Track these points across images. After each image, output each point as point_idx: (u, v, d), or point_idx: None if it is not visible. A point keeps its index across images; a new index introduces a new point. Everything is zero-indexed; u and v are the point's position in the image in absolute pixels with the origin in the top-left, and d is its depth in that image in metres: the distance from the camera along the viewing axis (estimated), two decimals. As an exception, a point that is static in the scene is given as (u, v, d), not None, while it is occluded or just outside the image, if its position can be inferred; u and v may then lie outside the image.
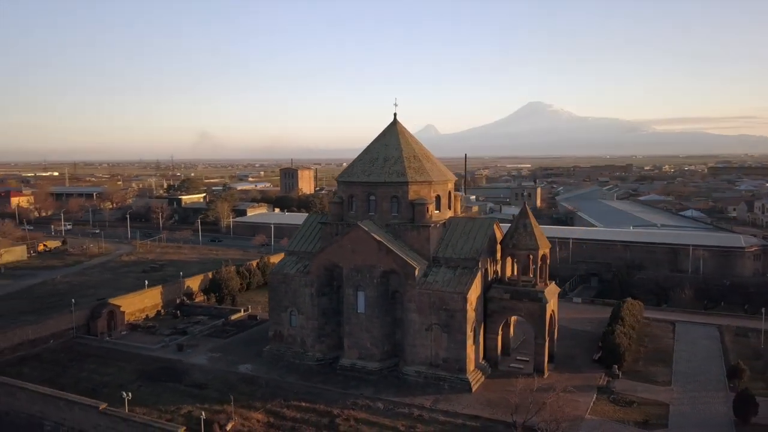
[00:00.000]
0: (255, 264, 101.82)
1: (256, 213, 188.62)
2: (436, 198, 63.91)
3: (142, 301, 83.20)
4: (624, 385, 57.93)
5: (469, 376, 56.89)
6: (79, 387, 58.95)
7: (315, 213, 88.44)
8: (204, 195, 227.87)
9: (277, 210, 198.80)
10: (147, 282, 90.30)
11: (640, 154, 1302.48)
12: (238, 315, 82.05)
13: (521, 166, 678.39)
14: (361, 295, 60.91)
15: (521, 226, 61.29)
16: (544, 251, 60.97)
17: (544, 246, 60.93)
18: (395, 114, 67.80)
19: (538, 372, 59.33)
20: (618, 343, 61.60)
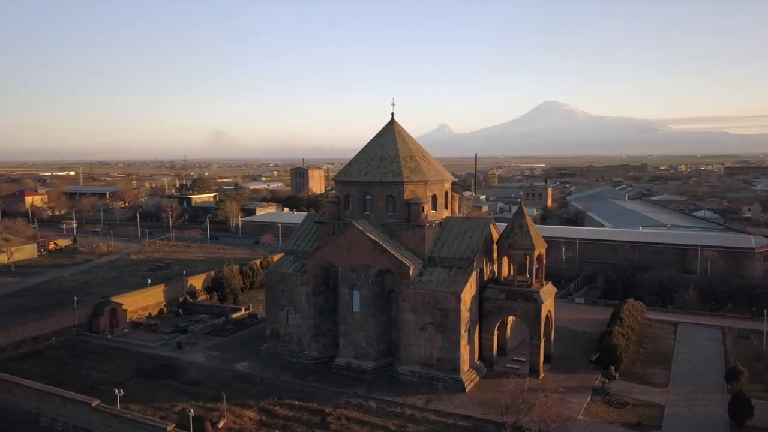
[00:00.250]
0: (258, 263, 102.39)
1: (265, 212, 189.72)
2: (433, 198, 63.84)
3: (145, 300, 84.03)
4: (620, 387, 57.44)
5: (463, 376, 56.77)
6: (78, 384, 59.72)
7: (314, 212, 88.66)
8: (214, 194, 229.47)
9: (286, 209, 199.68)
10: (150, 281, 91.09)
11: (656, 154, 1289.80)
12: (239, 314, 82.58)
13: (535, 166, 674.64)
14: (356, 295, 61.03)
15: (517, 226, 61.02)
16: (540, 251, 60.64)
17: (540, 246, 60.60)
18: (392, 114, 67.92)
19: (533, 373, 59.12)
20: (615, 344, 61.13)
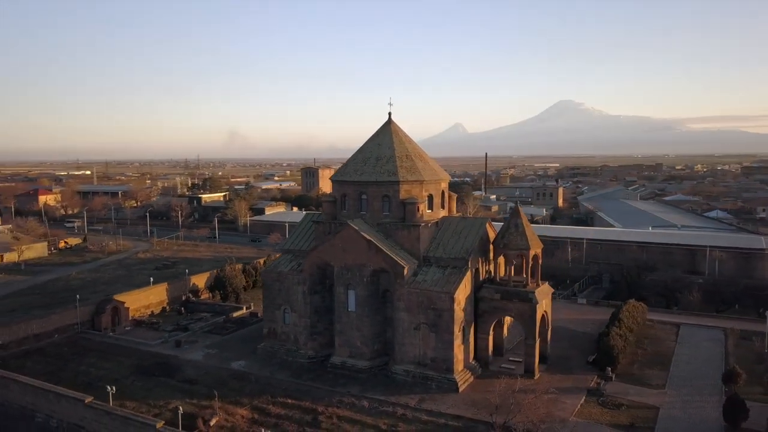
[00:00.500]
0: (262, 262, 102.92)
1: (274, 212, 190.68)
2: (428, 197, 63.77)
3: (147, 298, 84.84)
4: (616, 388, 56.95)
5: (457, 376, 56.64)
6: (77, 381, 60.48)
7: (314, 212, 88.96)
8: (224, 194, 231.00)
9: (295, 209, 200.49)
10: (152, 279, 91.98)
11: (673, 153, 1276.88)
12: (239, 312, 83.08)
13: (549, 166, 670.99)
14: (351, 294, 61.16)
15: (513, 226, 60.76)
16: (535, 251, 60.34)
17: (536, 246, 60.29)
18: (389, 113, 67.91)
19: (528, 373, 58.89)
20: (612, 345, 60.63)
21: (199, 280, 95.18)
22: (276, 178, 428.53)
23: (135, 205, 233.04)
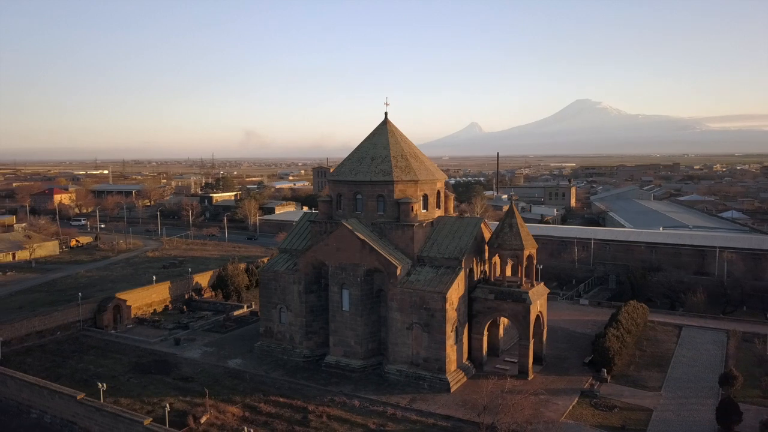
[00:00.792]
0: (265, 261, 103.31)
1: (284, 211, 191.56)
2: (423, 197, 63.68)
3: (150, 296, 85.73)
4: (610, 390, 56.47)
5: (449, 377, 56.48)
6: (75, 377, 61.47)
7: (310, 211, 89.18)
8: (235, 193, 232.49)
9: (305, 208, 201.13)
10: (155, 277, 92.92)
11: (692, 153, 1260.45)
12: (240, 311, 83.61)
13: (565, 165, 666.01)
14: (345, 293, 61.26)
15: (507, 225, 60.41)
16: (529, 251, 59.92)
17: (530, 246, 59.88)
18: (386, 113, 67.87)
19: (522, 374, 58.58)
20: (607, 346, 60.02)
21: (203, 279, 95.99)
22: (290, 178, 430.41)
23: (148, 204, 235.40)
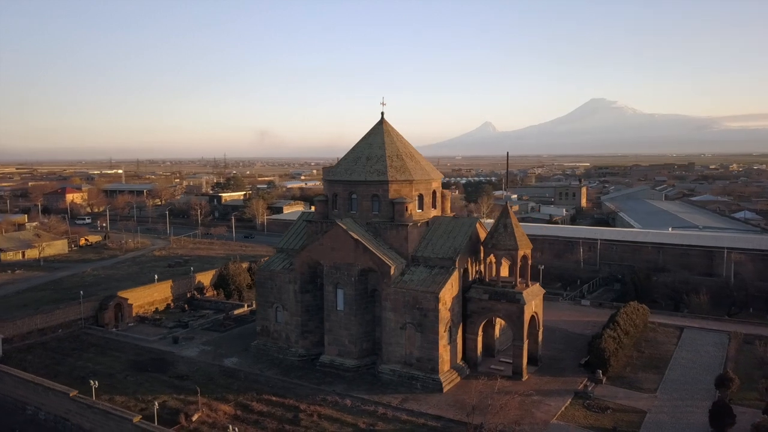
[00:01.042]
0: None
1: (292, 211, 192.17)
2: (419, 197, 63.61)
3: (152, 295, 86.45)
4: (605, 391, 56.02)
5: (442, 377, 56.37)
6: (73, 375, 62.19)
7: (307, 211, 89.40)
8: (245, 192, 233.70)
9: (313, 208, 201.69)
10: (157, 276, 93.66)
11: (709, 152, 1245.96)
12: (240, 310, 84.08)
13: (579, 165, 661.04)
14: (340, 293, 61.37)
15: (501, 226, 60.16)
16: (524, 252, 59.64)
17: (525, 246, 59.59)
18: (382, 113, 67.85)
19: (516, 375, 58.33)
20: (603, 347, 59.55)
21: (205, 278, 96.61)
22: (302, 178, 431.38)
23: (158, 203, 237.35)
